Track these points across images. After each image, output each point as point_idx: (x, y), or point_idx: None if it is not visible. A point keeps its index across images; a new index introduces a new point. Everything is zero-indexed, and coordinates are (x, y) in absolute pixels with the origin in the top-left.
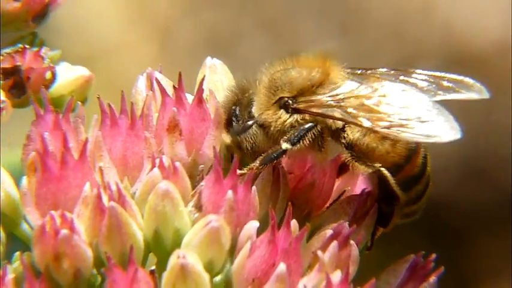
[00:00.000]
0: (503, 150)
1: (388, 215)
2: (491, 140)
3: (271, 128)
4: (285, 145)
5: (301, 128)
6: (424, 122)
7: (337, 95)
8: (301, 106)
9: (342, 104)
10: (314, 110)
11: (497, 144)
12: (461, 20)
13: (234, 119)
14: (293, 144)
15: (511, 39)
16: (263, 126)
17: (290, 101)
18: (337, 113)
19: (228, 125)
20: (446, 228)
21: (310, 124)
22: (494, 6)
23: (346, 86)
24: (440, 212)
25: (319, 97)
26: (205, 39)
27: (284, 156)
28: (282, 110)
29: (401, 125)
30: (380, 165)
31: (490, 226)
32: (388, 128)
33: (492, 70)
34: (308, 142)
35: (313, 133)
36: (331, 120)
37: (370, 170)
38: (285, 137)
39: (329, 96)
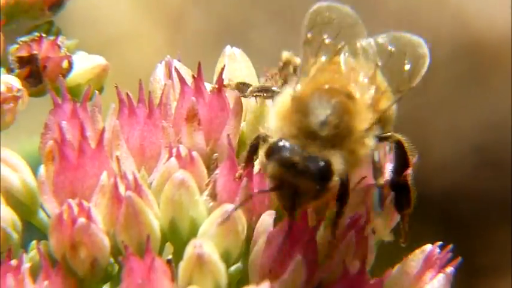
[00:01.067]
0: None
1: (405, 191)
2: (504, 130)
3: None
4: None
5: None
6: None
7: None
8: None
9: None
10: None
11: (510, 134)
12: (473, 9)
13: None
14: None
15: None
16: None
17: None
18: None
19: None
20: (459, 218)
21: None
22: None
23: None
24: (453, 203)
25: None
26: (216, 28)
27: None
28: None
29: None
30: (395, 134)
31: (503, 216)
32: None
33: (504, 58)
34: None
35: None
36: None
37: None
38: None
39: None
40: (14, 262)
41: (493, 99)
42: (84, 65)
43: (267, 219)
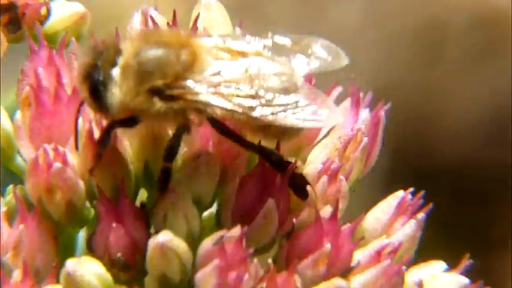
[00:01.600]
0: None
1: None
2: None
3: (142, 116)
4: (168, 165)
5: (173, 142)
6: (304, 106)
7: (210, 79)
8: (175, 93)
9: (217, 90)
10: (189, 97)
11: None
12: None
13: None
14: (171, 161)
15: None
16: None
17: (164, 89)
18: (214, 100)
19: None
20: (471, 189)
21: (179, 133)
22: None
23: (216, 67)
24: (464, 173)
25: (192, 83)
26: (232, 2)
27: None
28: (155, 98)
29: (284, 111)
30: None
31: None
32: (272, 114)
33: None
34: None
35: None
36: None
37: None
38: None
39: (203, 82)
40: None
41: (502, 70)
42: (62, 12)
43: (238, 163)
